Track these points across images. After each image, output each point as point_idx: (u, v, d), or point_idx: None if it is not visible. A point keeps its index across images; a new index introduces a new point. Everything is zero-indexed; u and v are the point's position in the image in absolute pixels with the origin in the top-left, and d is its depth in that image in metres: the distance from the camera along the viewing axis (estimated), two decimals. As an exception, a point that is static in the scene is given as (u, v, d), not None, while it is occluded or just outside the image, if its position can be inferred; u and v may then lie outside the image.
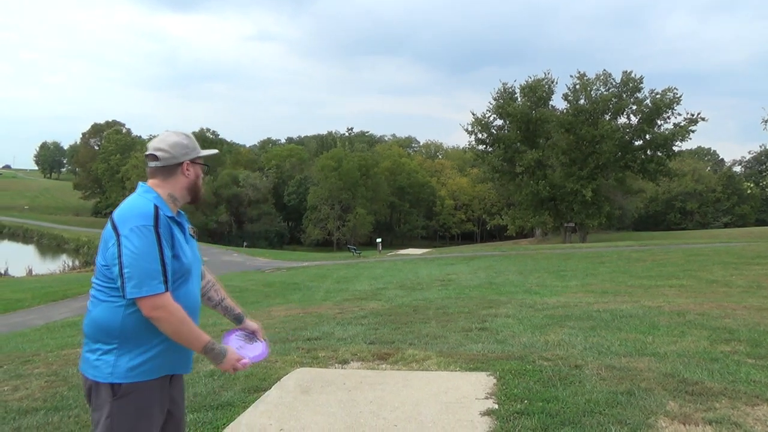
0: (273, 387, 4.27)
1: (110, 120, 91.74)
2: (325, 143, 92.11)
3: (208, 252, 37.04)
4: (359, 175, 65.04)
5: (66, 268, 32.95)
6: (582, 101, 42.39)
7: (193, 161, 2.17)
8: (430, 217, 74.42)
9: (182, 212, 2.21)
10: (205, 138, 75.79)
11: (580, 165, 41.93)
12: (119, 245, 1.89)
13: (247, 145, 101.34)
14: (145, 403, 1.97)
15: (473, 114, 44.04)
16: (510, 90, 43.62)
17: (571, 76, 43.12)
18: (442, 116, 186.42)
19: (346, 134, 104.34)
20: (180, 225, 2.10)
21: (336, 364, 4.96)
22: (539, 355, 4.85)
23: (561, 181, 42.17)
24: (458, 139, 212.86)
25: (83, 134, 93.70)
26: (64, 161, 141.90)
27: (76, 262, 36.48)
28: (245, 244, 51.78)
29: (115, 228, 1.92)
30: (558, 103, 44.19)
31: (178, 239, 2.01)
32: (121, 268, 1.88)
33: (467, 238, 75.96)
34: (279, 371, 4.71)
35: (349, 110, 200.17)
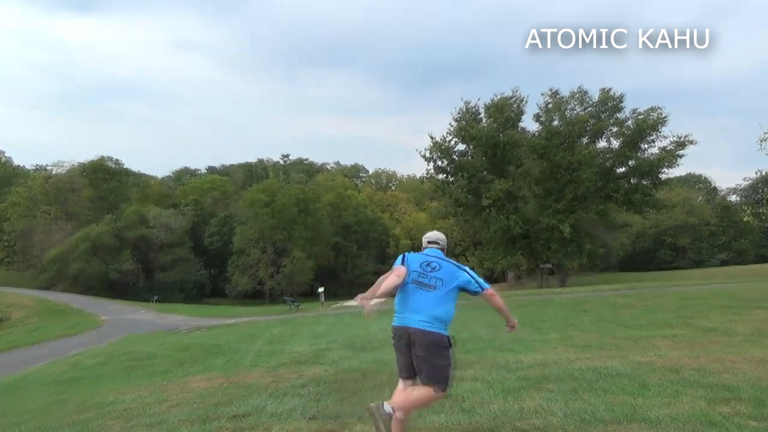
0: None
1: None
2: (254, 173, 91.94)
3: (108, 309, 35.86)
4: (297, 211, 64.85)
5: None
6: (556, 122, 43.47)
7: None
8: (383, 261, 74.24)
9: None
10: (105, 168, 74.17)
11: (556, 196, 42.66)
12: (470, 274, 4.93)
13: (159, 177, 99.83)
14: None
15: (432, 138, 44.50)
16: (473, 109, 44.48)
17: (543, 94, 44.29)
18: (397, 140, 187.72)
19: (281, 162, 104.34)
20: None
21: (268, 447, 4.84)
22: (513, 426, 4.89)
23: (535, 215, 42.67)
24: (415, 167, 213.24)
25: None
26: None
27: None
28: (156, 298, 50.53)
29: (460, 268, 4.95)
30: (529, 124, 45.70)
31: None
32: (476, 281, 4.90)
33: (428, 286, 76.22)
34: (196, 459, 4.56)
35: (286, 133, 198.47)
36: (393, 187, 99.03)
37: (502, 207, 43.26)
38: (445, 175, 45.92)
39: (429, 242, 5.15)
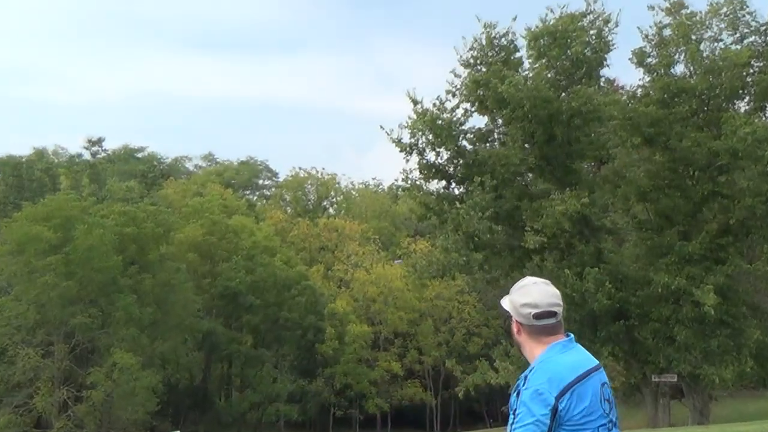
0: None
1: None
2: (26, 181, 57.72)
3: None
4: (121, 262, 39.56)
5: None
6: (680, 67, 28.82)
7: None
8: (311, 371, 49.04)
9: None
10: None
11: (683, 227, 29.04)
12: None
13: None
14: None
15: (415, 102, 28.80)
16: (503, 41, 29.05)
17: (651, 8, 28.21)
18: (338, 106, 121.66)
19: (86, 155, 68.63)
20: None
21: None
22: None
23: (640, 268, 28.79)
24: (377, 165, 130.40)
25: None
26: None
27: None
28: None
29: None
30: (621, 71, 34.18)
31: None
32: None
33: (406, 419, 52.37)
34: None
35: (97, 92, 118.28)
36: (332, 209, 67.36)
37: (569, 251, 28.65)
38: (444, 183, 30.41)
39: (550, 311, 2.49)
